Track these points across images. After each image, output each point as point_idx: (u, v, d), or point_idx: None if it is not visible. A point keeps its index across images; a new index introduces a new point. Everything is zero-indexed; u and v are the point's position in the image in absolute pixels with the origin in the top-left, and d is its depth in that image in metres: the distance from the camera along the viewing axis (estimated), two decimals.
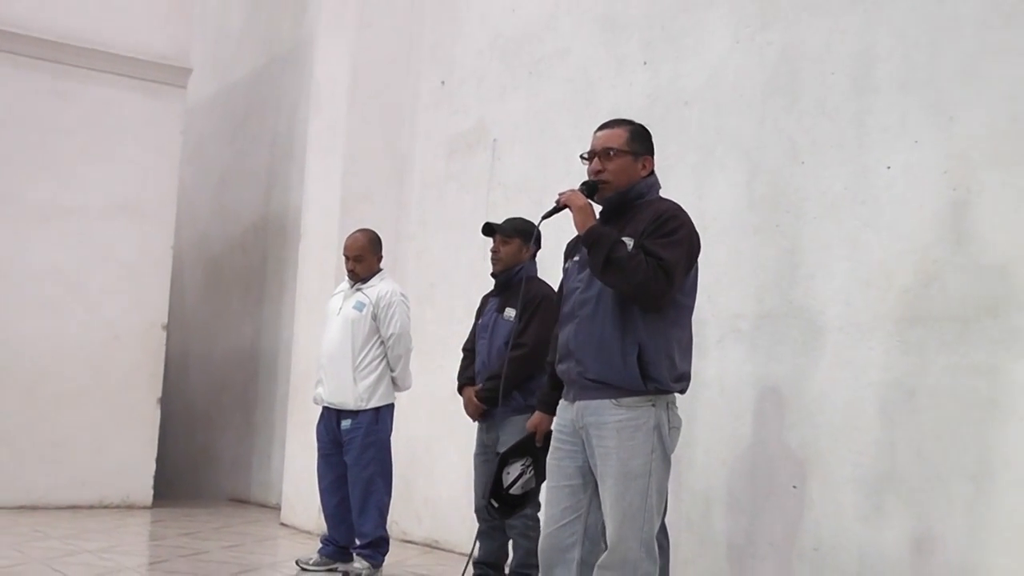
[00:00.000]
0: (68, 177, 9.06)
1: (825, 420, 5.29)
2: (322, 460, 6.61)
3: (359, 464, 6.38)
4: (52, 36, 8.99)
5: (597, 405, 3.60)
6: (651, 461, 3.54)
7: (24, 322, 8.82)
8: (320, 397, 6.57)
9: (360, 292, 6.56)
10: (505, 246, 5.73)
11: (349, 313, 6.51)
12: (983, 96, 4.81)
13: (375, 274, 6.66)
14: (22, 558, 6.35)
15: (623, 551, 3.52)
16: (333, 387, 6.48)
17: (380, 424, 6.47)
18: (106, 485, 9.10)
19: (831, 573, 5.17)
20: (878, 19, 5.30)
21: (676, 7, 6.43)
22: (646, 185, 3.74)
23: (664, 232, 3.58)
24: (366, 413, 6.42)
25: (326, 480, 6.60)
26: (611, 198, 3.73)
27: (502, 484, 4.12)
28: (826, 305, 5.37)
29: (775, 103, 5.77)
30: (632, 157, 3.74)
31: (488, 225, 5.78)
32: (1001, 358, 4.61)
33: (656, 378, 3.54)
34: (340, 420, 6.47)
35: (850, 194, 5.32)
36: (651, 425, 3.55)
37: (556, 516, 3.71)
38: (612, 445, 3.55)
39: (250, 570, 6.63)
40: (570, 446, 3.69)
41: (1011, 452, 4.53)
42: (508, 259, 5.72)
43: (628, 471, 3.53)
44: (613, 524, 3.54)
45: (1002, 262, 4.65)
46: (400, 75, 8.68)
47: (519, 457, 4.18)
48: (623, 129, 3.77)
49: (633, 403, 3.55)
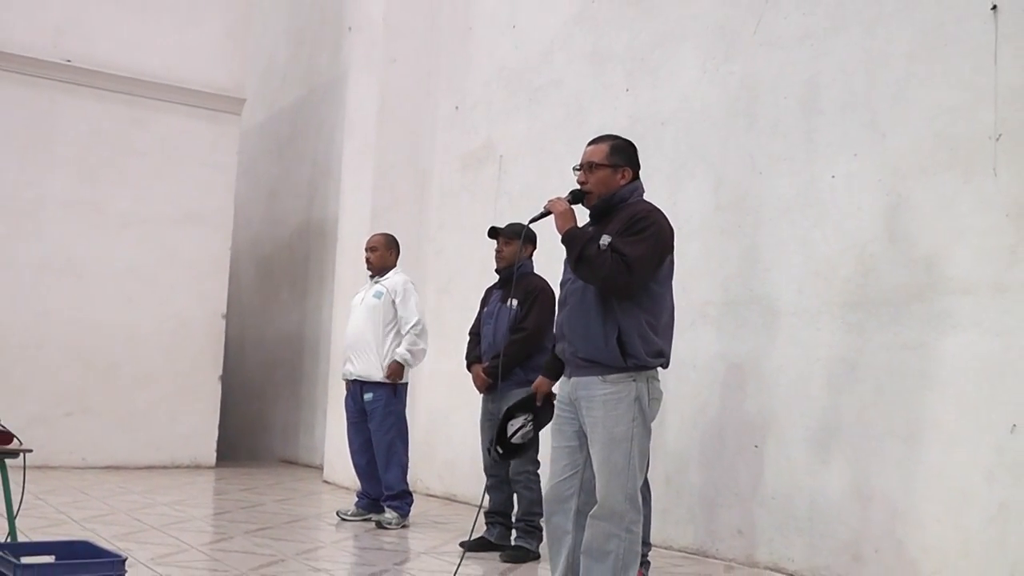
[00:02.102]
0: (143, 191, 9.08)
1: (780, 390, 5.31)
2: (352, 427, 6.63)
3: (381, 430, 6.43)
4: (129, 74, 9.02)
5: (587, 381, 3.61)
6: (632, 428, 3.54)
7: (108, 313, 8.86)
8: (349, 372, 6.58)
9: (378, 284, 6.62)
10: (507, 247, 5.72)
11: (370, 301, 6.57)
12: (911, 117, 4.81)
13: (390, 269, 6.70)
14: (110, 509, 6.38)
15: (611, 504, 3.53)
16: (361, 363, 6.51)
17: (398, 398, 6.51)
18: (177, 449, 9.14)
19: (785, 518, 5.19)
20: (823, 53, 5.30)
21: (653, 43, 6.43)
22: (627, 191, 3.71)
23: (632, 231, 3.55)
24: (387, 387, 6.45)
25: (356, 444, 6.61)
26: (596, 204, 3.73)
27: (506, 434, 4.14)
28: (781, 293, 5.38)
29: (736, 123, 5.77)
30: (611, 169, 3.70)
31: (493, 229, 5.78)
32: (928, 336, 4.62)
33: (634, 355, 3.53)
34: (363, 393, 6.49)
35: (801, 199, 5.33)
36: (632, 397, 3.55)
37: (557, 472, 3.73)
38: (599, 415, 3.56)
39: (299, 519, 6.64)
40: (568, 414, 3.71)
41: (937, 416, 4.55)
42: (510, 257, 5.72)
43: (613, 437, 3.53)
44: (601, 481, 3.55)
45: (928, 255, 4.66)
46: (420, 102, 8.68)
47: (522, 412, 4.21)
48: (605, 144, 3.75)
49: (616, 379, 3.55)
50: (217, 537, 5.75)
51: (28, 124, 8.61)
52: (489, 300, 5.92)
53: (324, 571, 4.88)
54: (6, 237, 8.48)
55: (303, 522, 6.56)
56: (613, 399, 3.54)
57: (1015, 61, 4.38)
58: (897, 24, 4.92)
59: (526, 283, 5.64)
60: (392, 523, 6.34)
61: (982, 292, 4.41)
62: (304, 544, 5.66)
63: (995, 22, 4.47)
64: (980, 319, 4.41)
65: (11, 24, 8.56)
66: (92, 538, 4.71)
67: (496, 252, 5.80)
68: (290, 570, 4.78)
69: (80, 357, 8.71)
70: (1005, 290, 4.32)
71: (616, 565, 3.51)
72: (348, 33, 9.81)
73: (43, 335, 8.57)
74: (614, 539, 3.51)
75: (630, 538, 3.53)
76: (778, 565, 5.21)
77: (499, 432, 4.14)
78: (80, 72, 8.79)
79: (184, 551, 5.10)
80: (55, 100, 8.71)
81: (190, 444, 9.21)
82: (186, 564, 4.76)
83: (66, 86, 8.74)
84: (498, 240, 5.77)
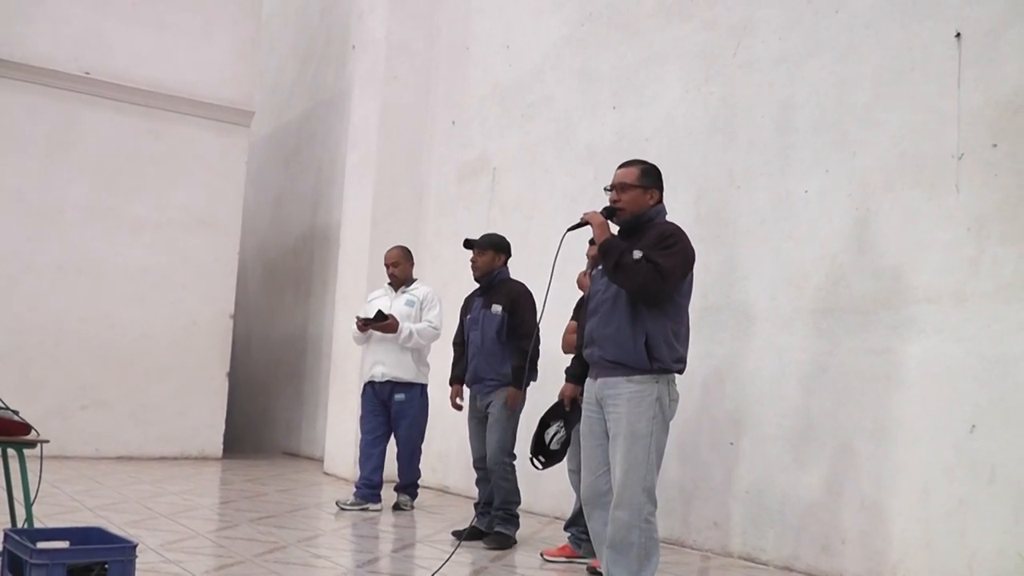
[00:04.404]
0: (157, 197, 9.06)
1: (755, 391, 5.30)
2: (372, 419, 6.63)
3: (412, 427, 6.59)
4: (145, 87, 9.00)
5: (614, 381, 3.65)
6: (652, 425, 3.57)
7: (122, 312, 8.83)
8: (382, 374, 6.53)
9: (408, 293, 6.65)
10: (481, 256, 5.67)
11: (402, 310, 6.55)
12: (879, 136, 4.82)
13: (413, 279, 6.79)
14: (121, 497, 6.35)
15: (628, 495, 3.55)
16: (394, 365, 6.51)
17: (425, 397, 6.66)
18: (186, 441, 9.10)
19: (759, 511, 5.19)
20: (797, 75, 5.31)
21: (638, 64, 6.43)
22: (655, 211, 3.77)
23: (664, 246, 3.61)
24: (417, 388, 6.58)
25: (371, 436, 6.63)
26: (627, 220, 3.77)
27: (544, 442, 4.14)
28: (756, 300, 5.38)
29: (716, 140, 5.78)
30: (642, 190, 3.76)
31: (468, 241, 5.73)
32: (894, 342, 4.62)
33: (659, 358, 3.58)
34: (394, 392, 6.53)
35: (775, 212, 5.33)
36: (654, 397, 3.58)
37: (592, 469, 3.75)
38: (623, 411, 3.60)
39: (300, 508, 6.62)
40: (596, 414, 3.74)
41: (901, 416, 4.55)
42: (484, 266, 5.67)
43: (634, 431, 3.56)
44: (620, 473, 3.57)
45: (894, 265, 4.67)
46: (419, 117, 8.67)
47: (554, 420, 4.24)
48: (636, 168, 3.80)
49: (641, 379, 3.59)
50: (223, 525, 5.72)
51: (49, 133, 8.59)
52: (472, 307, 5.82)
53: (324, 558, 4.86)
54: (28, 239, 8.44)
55: (304, 511, 6.54)
56: (637, 396, 3.59)
57: (977, 85, 4.39)
58: (867, 50, 4.93)
59: (507, 289, 5.61)
60: (407, 505, 6.64)
61: (944, 301, 4.42)
62: (305, 532, 5.63)
63: (958, 48, 4.48)
64: (942, 326, 4.41)
65: (34, 38, 8.53)
66: (105, 525, 4.68)
67: (471, 262, 5.73)
68: (292, 556, 4.76)
69: (95, 353, 8.68)
70: (966, 299, 4.33)
71: (640, 555, 3.55)
72: (352, 51, 9.80)
73: (61, 332, 8.54)
74: (635, 530, 3.55)
75: (648, 529, 3.57)
76: (751, 555, 5.21)
77: (537, 442, 4.17)
78: (99, 84, 8.77)
79: (192, 538, 5.08)
80: (75, 111, 8.69)
81: (198, 436, 9.17)
82: (193, 550, 4.73)
83: (85, 97, 8.72)
84: (473, 250, 5.72)
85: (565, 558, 5.07)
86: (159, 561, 4.35)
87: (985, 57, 4.38)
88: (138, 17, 9.03)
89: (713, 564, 5.18)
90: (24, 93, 8.45)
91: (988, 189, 4.29)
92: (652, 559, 3.57)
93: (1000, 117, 4.28)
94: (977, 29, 4.43)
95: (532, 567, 4.92)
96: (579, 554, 5.05)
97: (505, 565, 4.95)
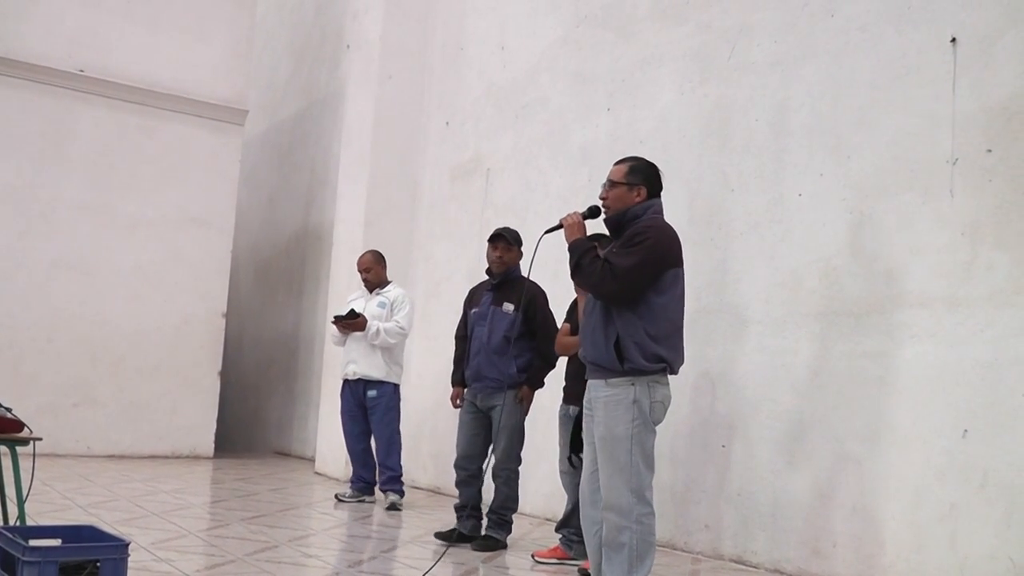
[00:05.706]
0: (150, 195, 9.01)
1: (748, 394, 5.30)
2: (350, 420, 6.95)
3: (383, 423, 6.80)
4: (139, 84, 8.94)
5: (596, 384, 3.66)
6: (632, 428, 3.54)
7: (114, 309, 8.77)
8: (353, 372, 6.85)
9: (381, 295, 6.92)
10: (508, 252, 5.53)
11: (375, 311, 6.84)
12: (873, 140, 4.82)
13: (387, 282, 7.03)
14: (112, 496, 6.30)
15: (614, 498, 3.55)
16: (365, 364, 6.80)
17: (396, 395, 6.90)
18: (177, 440, 9.05)
19: (750, 513, 5.18)
20: (792, 79, 5.31)
21: (633, 66, 6.42)
22: (641, 208, 3.70)
23: (627, 244, 3.57)
24: (389, 386, 6.82)
25: (353, 434, 6.96)
26: (611, 217, 3.76)
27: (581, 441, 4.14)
28: (750, 303, 5.37)
29: (710, 143, 5.77)
30: (627, 187, 3.72)
31: (496, 233, 5.57)
32: (887, 346, 4.62)
33: (630, 360, 3.53)
34: (367, 390, 6.82)
35: (769, 215, 5.33)
36: (630, 400, 3.54)
37: (587, 466, 3.78)
38: (601, 416, 3.60)
39: (291, 508, 6.59)
40: (589, 415, 3.76)
41: (894, 420, 4.55)
42: (511, 262, 5.56)
43: (614, 435, 3.55)
44: (604, 476, 3.58)
45: (888, 270, 4.66)
46: (413, 117, 8.65)
47: None
48: (626, 165, 3.78)
49: (616, 383, 3.57)
50: (214, 524, 5.68)
51: (43, 130, 8.53)
52: (479, 301, 5.63)
53: (315, 557, 4.83)
54: (21, 236, 8.39)
55: (296, 510, 6.51)
56: (613, 401, 3.58)
57: (971, 90, 4.39)
58: (862, 54, 4.93)
59: (521, 287, 5.36)
60: (398, 501, 6.70)
61: (937, 305, 4.42)
62: (296, 531, 5.60)
63: (953, 53, 4.48)
64: (935, 330, 4.41)
65: (28, 35, 8.48)
66: (96, 523, 4.64)
67: (496, 256, 5.52)
68: (283, 556, 4.73)
69: (88, 351, 8.62)
70: (959, 303, 4.33)
71: (631, 555, 3.54)
72: (346, 51, 9.77)
73: (53, 329, 8.48)
74: (626, 531, 3.54)
75: (642, 530, 3.55)
76: (742, 558, 5.20)
77: (574, 441, 4.18)
78: (93, 82, 8.71)
79: (183, 536, 5.04)
80: (69, 108, 8.63)
81: (190, 435, 9.11)
82: (185, 549, 4.70)
83: (79, 95, 8.67)
84: (498, 245, 5.54)
85: (556, 560, 5.05)
86: (150, 560, 4.32)
87: (980, 62, 4.38)
88: (132, 15, 8.98)
89: (704, 567, 5.17)
90: (18, 90, 8.39)
91: (982, 194, 4.29)
92: (646, 561, 3.56)
93: (994, 122, 4.28)
94: (972, 34, 4.42)
95: (523, 568, 4.91)
96: (570, 556, 5.03)
97: (496, 566, 4.93)
